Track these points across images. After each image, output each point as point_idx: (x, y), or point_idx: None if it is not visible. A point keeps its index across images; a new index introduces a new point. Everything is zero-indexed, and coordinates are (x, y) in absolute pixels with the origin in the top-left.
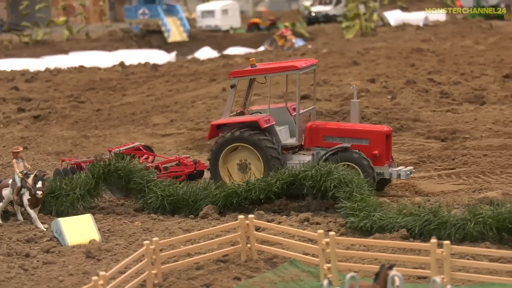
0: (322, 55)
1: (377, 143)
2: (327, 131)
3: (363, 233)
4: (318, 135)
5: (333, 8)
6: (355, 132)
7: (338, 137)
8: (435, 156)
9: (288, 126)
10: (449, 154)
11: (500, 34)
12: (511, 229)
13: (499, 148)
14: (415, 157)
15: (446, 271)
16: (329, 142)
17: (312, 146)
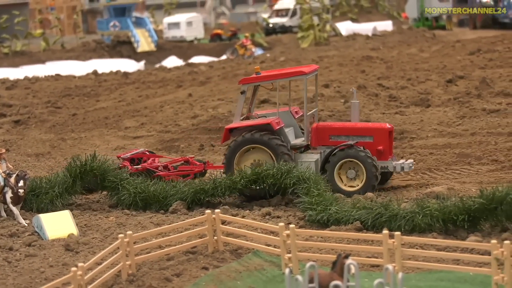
0: (279, 63)
1: (380, 139)
2: (332, 131)
3: (321, 225)
4: (324, 135)
5: (289, 19)
6: (360, 130)
7: (344, 136)
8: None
9: (293, 128)
10: (398, 153)
11: (443, 42)
12: (456, 221)
13: (444, 146)
14: None
15: (397, 260)
16: (335, 140)
17: (318, 145)
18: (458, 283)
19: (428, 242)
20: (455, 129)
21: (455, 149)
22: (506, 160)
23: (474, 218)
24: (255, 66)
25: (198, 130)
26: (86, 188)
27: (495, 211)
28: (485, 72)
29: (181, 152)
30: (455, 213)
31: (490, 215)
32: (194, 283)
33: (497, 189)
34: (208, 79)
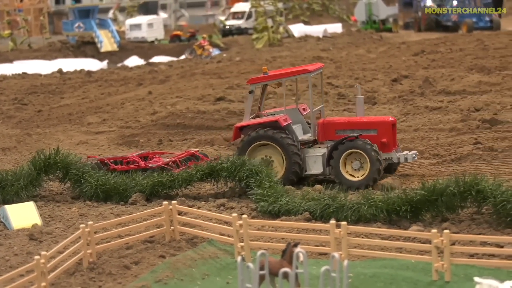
0: (235, 63)
1: (384, 132)
2: (338, 125)
3: (272, 216)
4: (330, 130)
5: (244, 22)
6: (364, 124)
7: (349, 130)
8: None
9: (300, 124)
10: None
11: (389, 44)
12: (399, 212)
13: None
14: None
15: (343, 248)
16: (341, 135)
17: (325, 139)
18: (400, 270)
19: (373, 232)
20: (400, 125)
21: (400, 144)
22: (446, 154)
23: (416, 209)
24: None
25: (157, 126)
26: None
27: (436, 202)
28: (428, 72)
29: (140, 146)
30: (398, 204)
31: (431, 206)
32: (152, 270)
33: (438, 182)
34: (167, 77)
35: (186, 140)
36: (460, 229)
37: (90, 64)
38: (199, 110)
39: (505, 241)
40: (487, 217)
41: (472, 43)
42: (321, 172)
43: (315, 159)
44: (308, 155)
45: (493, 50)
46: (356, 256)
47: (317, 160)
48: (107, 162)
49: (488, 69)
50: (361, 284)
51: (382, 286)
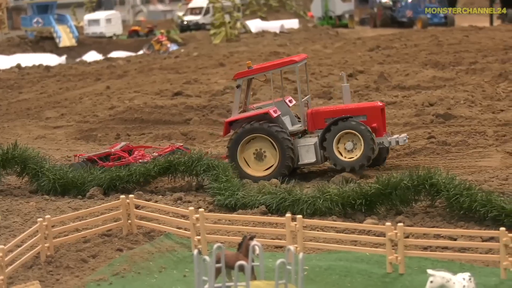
0: (193, 58)
1: (373, 117)
2: (327, 114)
3: (229, 209)
4: (319, 119)
5: (202, 17)
6: (353, 111)
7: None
8: None
9: (288, 116)
10: None
11: (345, 40)
12: (354, 205)
13: None
14: None
15: (299, 241)
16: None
17: (315, 129)
18: (355, 262)
19: (328, 225)
20: None
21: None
22: (401, 148)
23: (370, 202)
24: (170, 61)
25: (115, 120)
26: None
27: (390, 196)
28: (383, 67)
29: (98, 141)
30: (353, 197)
31: (386, 199)
32: (109, 264)
33: (392, 176)
34: (126, 72)
35: (144, 134)
36: (414, 222)
37: (49, 59)
38: (157, 104)
39: (458, 233)
40: (440, 210)
41: (427, 39)
42: (314, 161)
43: (307, 149)
44: (300, 145)
45: (447, 45)
46: (312, 249)
47: (309, 149)
48: (95, 160)
49: (442, 65)
50: (316, 276)
51: (337, 278)
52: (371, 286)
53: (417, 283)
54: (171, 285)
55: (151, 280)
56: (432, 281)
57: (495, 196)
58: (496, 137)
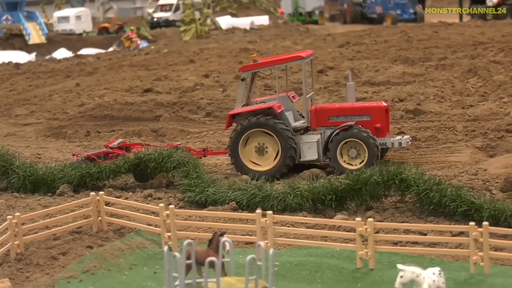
0: (163, 55)
1: (378, 117)
2: (331, 112)
3: (199, 206)
4: (323, 116)
5: (172, 14)
6: (357, 110)
7: (342, 116)
8: None
9: (291, 112)
10: None
11: (315, 36)
12: (324, 200)
13: None
14: None
15: (269, 237)
16: (334, 121)
17: (318, 126)
18: (325, 258)
19: (299, 220)
20: None
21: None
22: None
23: (341, 197)
24: (140, 58)
25: (84, 117)
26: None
27: (360, 191)
28: (353, 63)
29: (68, 138)
30: (323, 193)
31: (356, 194)
32: (79, 261)
33: (362, 171)
34: (95, 69)
35: (114, 131)
36: (384, 218)
37: (18, 57)
38: (127, 101)
39: (428, 229)
40: (410, 205)
41: (396, 35)
42: (316, 158)
43: (309, 146)
44: (303, 142)
45: (416, 41)
46: (282, 244)
47: (311, 147)
48: (94, 158)
49: (412, 60)
50: (287, 272)
51: (308, 274)
52: (341, 282)
53: (387, 278)
54: (142, 282)
55: (122, 277)
56: (402, 276)
57: (465, 191)
58: (466, 132)
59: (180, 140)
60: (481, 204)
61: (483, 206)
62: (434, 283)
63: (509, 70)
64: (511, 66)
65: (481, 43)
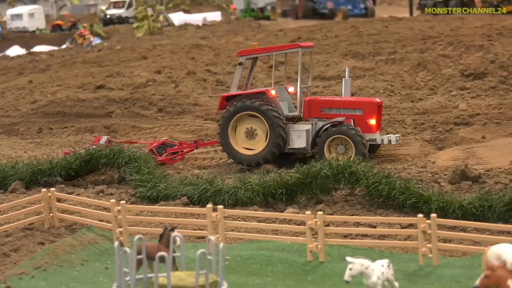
0: (116, 51)
1: (370, 112)
2: (324, 103)
3: (151, 201)
4: (316, 107)
5: (125, 11)
6: (350, 104)
7: (335, 109)
8: (212, 135)
9: (286, 102)
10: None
11: (267, 31)
12: (275, 194)
13: None
14: (195, 136)
15: (220, 232)
16: (326, 113)
17: (310, 117)
18: (276, 251)
19: (250, 215)
20: None
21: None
22: None
23: (291, 191)
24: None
25: (37, 114)
26: None
27: (310, 185)
28: (304, 58)
29: (21, 135)
30: (274, 187)
31: (306, 188)
32: (31, 257)
33: (312, 165)
34: (48, 66)
35: (66, 128)
36: (334, 211)
37: None
38: (79, 98)
39: (378, 221)
40: (360, 198)
41: (347, 29)
42: (304, 147)
43: (299, 134)
44: (293, 130)
45: (367, 36)
46: (233, 239)
47: (301, 135)
48: None
49: (362, 55)
50: (238, 266)
51: (258, 267)
52: (291, 275)
53: (337, 270)
54: (93, 278)
55: (73, 272)
56: (351, 268)
57: (414, 183)
58: (415, 126)
59: (133, 136)
60: (430, 196)
61: (432, 198)
62: (383, 275)
63: (457, 64)
64: (459, 60)
65: (430, 37)
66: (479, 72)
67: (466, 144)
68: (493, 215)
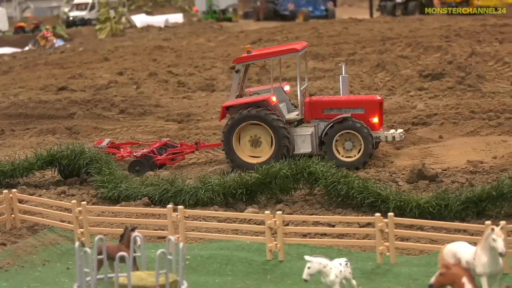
0: (78, 53)
1: (372, 111)
2: (325, 104)
3: (112, 202)
4: (317, 108)
5: (88, 13)
6: (351, 103)
7: (336, 109)
8: (173, 136)
9: (285, 103)
10: (185, 134)
11: (228, 33)
12: (235, 194)
13: None
14: (156, 137)
15: (180, 232)
16: (327, 114)
17: (312, 118)
18: (236, 251)
19: (210, 214)
20: None
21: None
22: None
23: (251, 191)
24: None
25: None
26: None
27: (270, 185)
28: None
29: None
30: (234, 187)
31: (266, 188)
32: None
33: (272, 165)
34: (11, 68)
35: (29, 129)
36: (293, 210)
37: None
38: (41, 99)
39: (336, 220)
40: (319, 198)
41: (308, 31)
42: (310, 151)
43: (303, 138)
44: (296, 134)
45: (327, 37)
46: (194, 238)
47: (305, 140)
48: None
49: (322, 56)
50: (198, 265)
51: (218, 267)
52: (251, 274)
53: (296, 269)
54: (55, 278)
55: (35, 273)
56: (310, 267)
57: (372, 183)
58: None
59: (94, 138)
60: (388, 196)
61: (389, 197)
62: (341, 273)
63: (416, 65)
64: (418, 61)
65: (389, 38)
66: (437, 73)
67: (424, 144)
68: (450, 213)
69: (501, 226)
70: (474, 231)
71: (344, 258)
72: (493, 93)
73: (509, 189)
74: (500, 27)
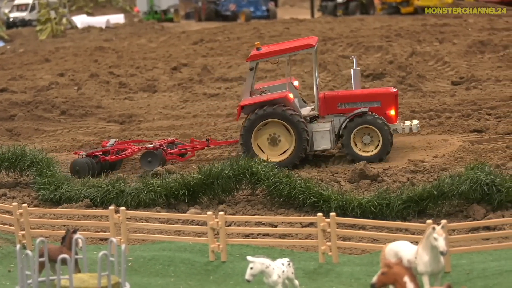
0: (19, 54)
1: (388, 103)
2: (340, 99)
3: (53, 203)
4: (332, 103)
5: (28, 14)
6: (367, 96)
7: (351, 103)
8: (115, 137)
9: (297, 99)
10: (126, 135)
11: (170, 34)
12: (177, 195)
13: (168, 128)
14: (97, 138)
15: (123, 233)
16: (343, 108)
17: (327, 114)
18: (178, 252)
19: (152, 216)
20: (179, 112)
21: (179, 130)
22: (223, 139)
23: (194, 192)
24: None
25: None
26: None
27: (212, 186)
28: (206, 60)
29: None
30: (176, 188)
31: (208, 189)
32: None
33: (214, 166)
34: None
35: None
36: (236, 211)
37: None
38: None
39: (279, 220)
40: (261, 198)
41: (249, 31)
42: (329, 147)
43: (322, 135)
44: (315, 131)
45: (268, 38)
46: (136, 240)
47: (324, 135)
48: (96, 155)
49: None
50: (140, 267)
51: (161, 268)
52: (194, 275)
53: (238, 270)
54: None
55: None
56: (252, 268)
57: (313, 183)
58: None
59: (35, 140)
60: (329, 196)
61: (331, 197)
62: (284, 273)
63: (357, 65)
64: (359, 61)
65: (330, 38)
66: (378, 73)
67: None
68: (391, 213)
69: (442, 225)
70: (415, 230)
71: (286, 258)
72: (433, 93)
73: (450, 188)
74: (440, 26)
